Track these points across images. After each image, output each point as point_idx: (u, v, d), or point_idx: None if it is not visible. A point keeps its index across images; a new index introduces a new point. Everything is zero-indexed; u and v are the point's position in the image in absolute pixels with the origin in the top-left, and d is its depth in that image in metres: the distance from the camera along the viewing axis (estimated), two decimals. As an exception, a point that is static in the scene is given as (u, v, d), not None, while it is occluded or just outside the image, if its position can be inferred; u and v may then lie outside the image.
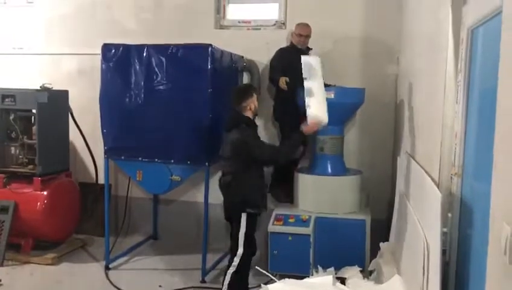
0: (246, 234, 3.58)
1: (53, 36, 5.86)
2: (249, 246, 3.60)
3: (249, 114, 3.73)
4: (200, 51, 4.26)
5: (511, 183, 1.28)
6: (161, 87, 4.35)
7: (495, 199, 1.41)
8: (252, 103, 3.74)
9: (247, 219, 3.59)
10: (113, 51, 4.48)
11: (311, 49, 4.78)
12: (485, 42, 2.03)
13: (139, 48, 4.41)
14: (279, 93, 4.76)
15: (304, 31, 4.74)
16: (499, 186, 1.39)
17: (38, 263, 4.74)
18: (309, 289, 2.53)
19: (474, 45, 2.11)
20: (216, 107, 4.33)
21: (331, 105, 4.18)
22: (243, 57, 5.05)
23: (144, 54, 4.38)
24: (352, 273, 3.41)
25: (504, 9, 1.40)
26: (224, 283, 3.63)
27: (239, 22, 5.33)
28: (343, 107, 4.32)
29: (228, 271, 3.63)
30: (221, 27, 5.38)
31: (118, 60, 4.46)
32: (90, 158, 5.48)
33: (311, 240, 4.08)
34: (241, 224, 3.57)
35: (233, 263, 3.61)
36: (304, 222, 4.13)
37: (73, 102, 5.29)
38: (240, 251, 3.59)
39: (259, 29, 5.27)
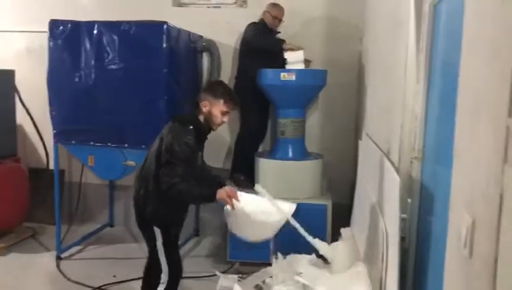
0: None
1: (-1, 12, 5.47)
2: None
3: (199, 116, 2.84)
4: (155, 28, 4.02)
5: (472, 169, 1.16)
6: (113, 66, 4.08)
7: (455, 186, 1.29)
8: (211, 105, 2.79)
9: None
10: (61, 27, 4.16)
11: (280, 32, 4.62)
12: (447, 19, 1.92)
13: (89, 24, 4.12)
14: (241, 72, 4.58)
15: (281, 15, 4.55)
16: (460, 172, 1.27)
17: (-16, 254, 4.43)
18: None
19: (436, 21, 2.00)
20: (172, 88, 4.11)
21: (292, 87, 4.09)
22: (202, 36, 4.84)
23: (95, 32, 4.09)
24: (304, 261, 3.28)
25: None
26: None
27: (198, -1, 5.09)
28: (304, 89, 4.18)
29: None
30: (180, 5, 5.13)
31: (67, 37, 4.16)
32: (40, 142, 5.17)
33: (272, 225, 3.96)
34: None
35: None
36: (264, 208, 3.99)
37: (22, 83, 4.95)
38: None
39: (220, 7, 5.04)
